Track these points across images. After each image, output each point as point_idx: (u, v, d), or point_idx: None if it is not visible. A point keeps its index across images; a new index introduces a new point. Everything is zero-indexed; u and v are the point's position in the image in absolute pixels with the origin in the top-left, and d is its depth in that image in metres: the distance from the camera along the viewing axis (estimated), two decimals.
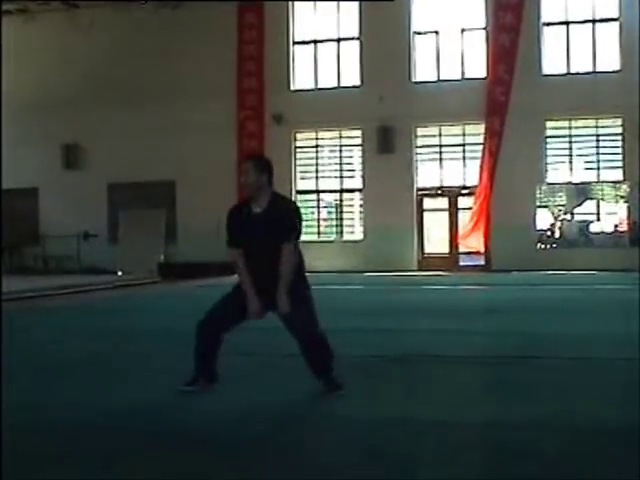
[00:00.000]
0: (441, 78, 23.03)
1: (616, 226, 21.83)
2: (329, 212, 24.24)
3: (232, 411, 5.35)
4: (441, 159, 23.16)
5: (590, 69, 22.07)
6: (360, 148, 23.66)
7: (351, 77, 23.56)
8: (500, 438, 4.63)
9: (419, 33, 23.19)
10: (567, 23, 22.38)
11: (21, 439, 4.68)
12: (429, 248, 23.34)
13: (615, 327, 9.33)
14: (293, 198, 23.24)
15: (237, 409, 5.40)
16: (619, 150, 21.91)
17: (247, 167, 5.67)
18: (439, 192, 23.25)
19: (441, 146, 23.09)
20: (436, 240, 23.45)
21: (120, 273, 22.40)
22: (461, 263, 22.95)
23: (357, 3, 23.40)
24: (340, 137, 23.93)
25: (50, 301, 15.10)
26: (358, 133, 23.59)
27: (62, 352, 8.30)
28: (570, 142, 22.34)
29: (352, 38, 23.64)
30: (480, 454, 4.40)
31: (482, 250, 22.51)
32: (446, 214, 23.20)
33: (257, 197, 5.65)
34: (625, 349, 7.60)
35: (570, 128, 22.30)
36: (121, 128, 24.21)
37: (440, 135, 23.06)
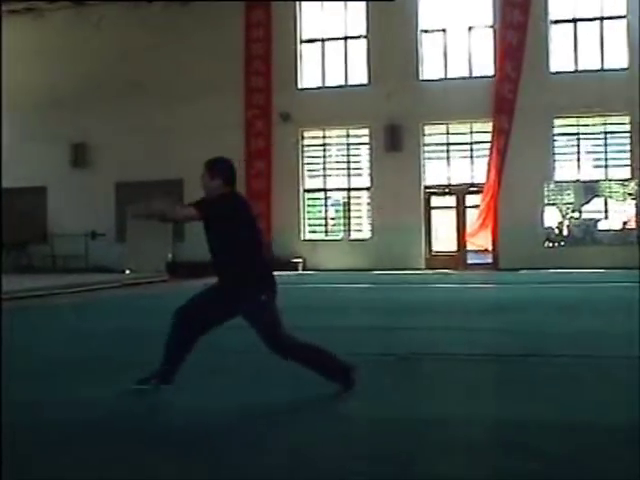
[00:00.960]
0: (448, 76, 22.99)
1: (624, 224, 21.77)
2: (337, 211, 24.20)
3: (230, 409, 5.37)
4: (449, 157, 23.12)
5: (598, 66, 22.02)
6: (367, 146, 23.64)
7: (358, 75, 23.53)
8: (506, 436, 4.63)
9: (426, 31, 23.16)
10: (575, 20, 22.33)
11: (21, 438, 4.68)
12: (437, 246, 23.30)
13: (622, 325, 9.30)
14: (300, 197, 23.31)
15: (235, 407, 5.42)
16: (627, 148, 21.86)
17: (203, 172, 5.67)
18: (447, 190, 23.22)
19: (449, 144, 23.06)
20: (444, 238, 23.40)
21: (128, 272, 22.43)
22: (469, 261, 22.89)
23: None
24: (347, 135, 23.92)
25: (58, 300, 15.14)
26: (365, 131, 23.56)
27: (67, 351, 8.31)
28: (578, 140, 22.28)
29: (359, 36, 23.62)
30: (485, 452, 4.40)
31: (490, 248, 22.49)
32: (454, 212, 23.17)
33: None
34: (632, 347, 7.57)
35: (578, 126, 22.24)
36: (129, 127, 24.25)
37: (448, 133, 23.02)
